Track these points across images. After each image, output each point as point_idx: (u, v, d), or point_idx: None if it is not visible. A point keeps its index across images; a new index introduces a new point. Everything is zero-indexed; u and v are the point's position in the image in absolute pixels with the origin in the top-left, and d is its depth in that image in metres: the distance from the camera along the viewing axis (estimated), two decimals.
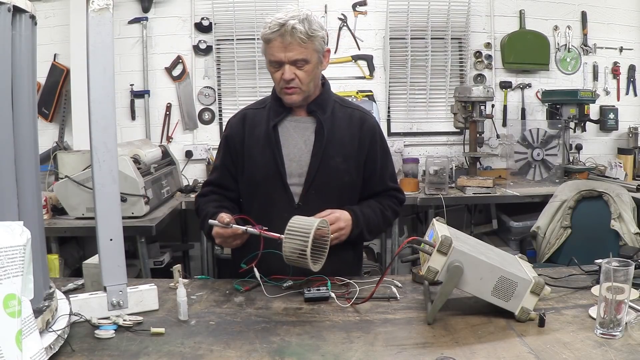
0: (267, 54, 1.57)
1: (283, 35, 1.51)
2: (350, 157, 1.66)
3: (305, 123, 1.66)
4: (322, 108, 1.66)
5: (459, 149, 3.69)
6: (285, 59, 1.54)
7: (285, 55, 1.53)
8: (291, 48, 1.52)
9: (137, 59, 3.62)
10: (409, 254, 1.50)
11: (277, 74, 1.57)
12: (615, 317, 1.12)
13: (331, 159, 1.63)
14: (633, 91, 3.93)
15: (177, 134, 3.73)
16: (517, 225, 3.38)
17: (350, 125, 1.68)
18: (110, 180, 1.23)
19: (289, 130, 1.66)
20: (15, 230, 0.92)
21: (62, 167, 2.73)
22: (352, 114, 1.71)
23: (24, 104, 1.09)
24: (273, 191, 1.63)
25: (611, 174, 3.48)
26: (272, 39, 1.53)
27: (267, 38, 1.54)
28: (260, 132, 1.66)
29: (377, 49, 3.76)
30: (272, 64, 1.57)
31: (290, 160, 1.64)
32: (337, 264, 1.62)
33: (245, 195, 1.71)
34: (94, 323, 1.20)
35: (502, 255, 1.36)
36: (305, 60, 1.55)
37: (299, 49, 1.52)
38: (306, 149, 1.64)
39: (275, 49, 1.53)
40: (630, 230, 2.77)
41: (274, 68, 1.58)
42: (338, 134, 1.65)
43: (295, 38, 1.50)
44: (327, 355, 1.09)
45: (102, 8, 1.19)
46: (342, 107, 1.71)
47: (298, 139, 1.65)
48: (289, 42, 1.51)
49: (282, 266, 1.54)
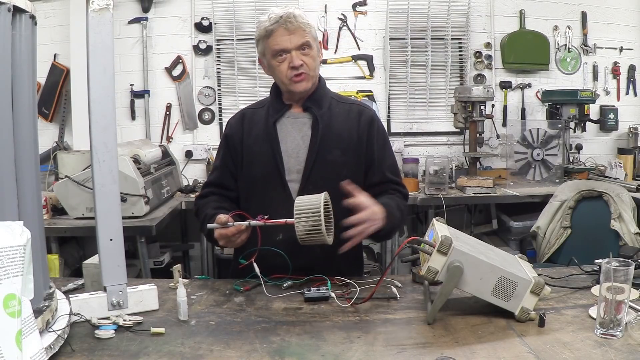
0: (270, 46, 1.58)
1: (286, 23, 1.54)
2: (348, 150, 1.65)
3: (303, 119, 1.67)
4: (317, 104, 1.66)
5: (459, 149, 3.69)
6: (291, 45, 1.56)
7: (291, 41, 1.56)
8: (296, 33, 1.56)
9: (137, 59, 3.62)
10: (409, 254, 1.50)
11: (284, 64, 1.58)
12: (615, 317, 1.12)
13: (328, 153, 1.63)
14: (633, 91, 3.93)
15: (177, 134, 3.73)
16: (517, 225, 3.38)
17: (348, 118, 1.69)
18: (110, 180, 1.23)
19: (287, 126, 1.67)
20: (15, 230, 0.92)
21: (62, 167, 2.74)
22: (349, 108, 1.71)
23: (24, 104, 1.09)
24: (271, 188, 1.63)
25: (611, 174, 3.48)
26: (274, 29, 1.55)
27: (269, 30, 1.56)
28: (259, 130, 1.68)
29: (377, 49, 3.76)
30: (276, 56, 1.58)
31: (289, 156, 1.64)
32: (340, 265, 1.62)
33: (244, 193, 1.71)
34: (94, 323, 1.20)
35: (502, 255, 1.36)
36: (309, 44, 1.59)
37: (302, 33, 1.57)
38: (303, 145, 1.64)
39: (279, 38, 1.56)
40: (630, 230, 2.77)
41: (279, 59, 1.58)
42: (335, 128, 1.65)
43: (299, 23, 1.56)
44: (327, 355, 1.09)
45: (102, 8, 1.19)
46: (339, 103, 1.72)
47: (296, 135, 1.66)
48: (294, 27, 1.55)
49: (283, 264, 1.54)
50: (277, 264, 1.51)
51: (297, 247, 1.53)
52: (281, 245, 1.53)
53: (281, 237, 1.57)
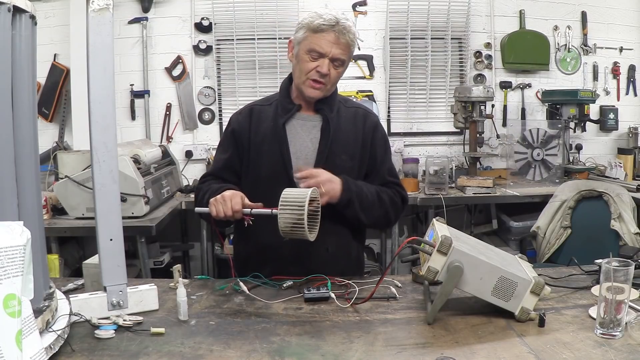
0: (311, 42, 1.56)
1: (338, 32, 1.54)
2: (355, 155, 1.67)
3: (313, 121, 1.67)
4: (329, 106, 1.66)
5: (459, 149, 3.69)
6: (329, 54, 1.56)
7: (332, 50, 1.55)
8: (340, 46, 1.56)
9: (137, 59, 3.62)
10: (409, 254, 1.50)
11: (312, 64, 1.57)
12: (615, 317, 1.12)
13: (337, 157, 1.63)
14: (633, 91, 3.93)
15: (177, 134, 3.73)
16: (517, 225, 3.38)
17: (355, 123, 1.69)
18: (110, 180, 1.23)
19: (296, 128, 1.66)
20: (15, 230, 0.92)
21: (62, 167, 2.73)
22: (355, 113, 1.72)
23: (24, 104, 1.09)
24: (278, 188, 1.60)
25: (611, 174, 3.48)
26: (325, 29, 1.55)
27: (320, 27, 1.55)
28: (267, 129, 1.66)
29: (377, 49, 3.76)
30: (311, 53, 1.57)
31: (297, 158, 1.63)
32: (340, 265, 1.62)
33: (248, 192, 1.70)
34: (94, 323, 1.20)
35: (502, 255, 1.36)
36: (343, 62, 1.60)
37: (344, 49, 1.57)
38: (312, 147, 1.64)
39: (325, 41, 1.55)
40: (630, 230, 2.77)
41: (311, 58, 1.57)
42: (343, 133, 1.66)
43: (346, 38, 1.56)
44: (327, 355, 1.09)
45: (102, 8, 1.19)
46: (345, 107, 1.73)
47: (305, 137, 1.66)
48: (344, 40, 1.56)
49: (284, 267, 1.54)
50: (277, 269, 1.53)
51: (299, 251, 1.53)
52: (284, 248, 1.53)
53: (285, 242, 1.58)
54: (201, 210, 1.52)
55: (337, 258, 1.64)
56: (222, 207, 1.43)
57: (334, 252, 1.64)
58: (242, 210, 1.43)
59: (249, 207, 1.44)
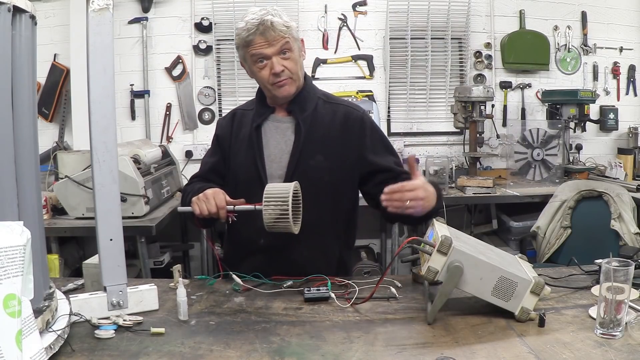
0: (251, 53, 1.56)
1: (264, 33, 1.52)
2: (332, 155, 1.62)
3: (286, 123, 1.66)
4: (301, 106, 1.64)
5: (459, 149, 3.69)
6: (270, 52, 1.54)
7: (270, 50, 1.54)
8: (274, 42, 1.54)
9: (137, 59, 3.62)
10: (409, 254, 1.50)
11: (265, 70, 1.57)
12: (615, 317, 1.12)
13: (310, 158, 1.60)
14: (633, 91, 3.92)
15: (177, 134, 3.72)
16: (517, 225, 3.37)
17: (333, 121, 1.65)
18: (110, 180, 1.23)
19: (271, 130, 1.66)
20: (15, 230, 0.92)
21: (62, 167, 2.73)
22: (336, 110, 1.67)
23: (24, 104, 1.09)
24: (253, 193, 1.53)
25: (611, 174, 3.48)
26: (253, 39, 1.54)
27: (248, 40, 1.54)
28: (245, 134, 1.67)
29: (377, 49, 3.76)
30: (257, 63, 1.57)
31: (271, 161, 1.63)
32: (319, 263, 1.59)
33: (230, 195, 1.69)
34: (94, 323, 1.20)
35: (502, 255, 1.36)
36: (290, 47, 1.56)
37: (281, 40, 1.54)
38: (286, 149, 1.63)
39: (260, 47, 1.54)
40: (630, 230, 2.77)
41: (259, 65, 1.57)
42: (319, 132, 1.62)
43: (276, 32, 1.53)
44: (327, 355, 1.09)
45: (102, 8, 1.19)
46: (326, 104, 1.68)
47: (279, 140, 1.65)
48: (272, 37, 1.53)
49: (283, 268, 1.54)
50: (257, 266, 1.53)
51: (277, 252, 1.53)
52: (263, 250, 1.56)
53: (262, 242, 1.59)
54: (184, 209, 1.53)
55: (315, 257, 1.62)
56: (206, 204, 1.44)
57: (310, 250, 1.61)
58: (225, 207, 1.44)
59: (232, 204, 1.45)
